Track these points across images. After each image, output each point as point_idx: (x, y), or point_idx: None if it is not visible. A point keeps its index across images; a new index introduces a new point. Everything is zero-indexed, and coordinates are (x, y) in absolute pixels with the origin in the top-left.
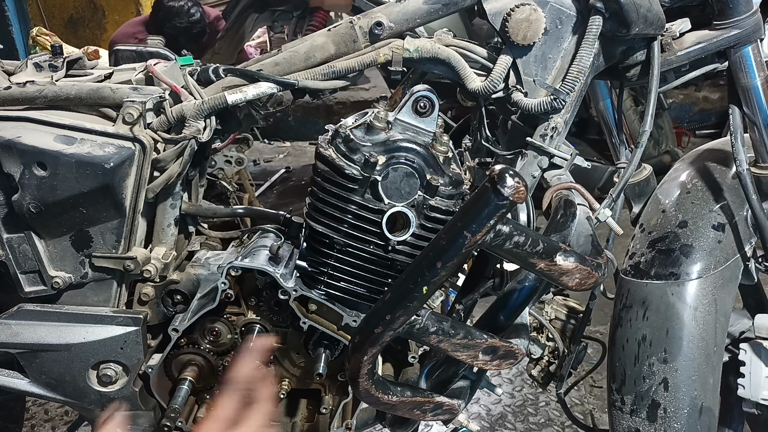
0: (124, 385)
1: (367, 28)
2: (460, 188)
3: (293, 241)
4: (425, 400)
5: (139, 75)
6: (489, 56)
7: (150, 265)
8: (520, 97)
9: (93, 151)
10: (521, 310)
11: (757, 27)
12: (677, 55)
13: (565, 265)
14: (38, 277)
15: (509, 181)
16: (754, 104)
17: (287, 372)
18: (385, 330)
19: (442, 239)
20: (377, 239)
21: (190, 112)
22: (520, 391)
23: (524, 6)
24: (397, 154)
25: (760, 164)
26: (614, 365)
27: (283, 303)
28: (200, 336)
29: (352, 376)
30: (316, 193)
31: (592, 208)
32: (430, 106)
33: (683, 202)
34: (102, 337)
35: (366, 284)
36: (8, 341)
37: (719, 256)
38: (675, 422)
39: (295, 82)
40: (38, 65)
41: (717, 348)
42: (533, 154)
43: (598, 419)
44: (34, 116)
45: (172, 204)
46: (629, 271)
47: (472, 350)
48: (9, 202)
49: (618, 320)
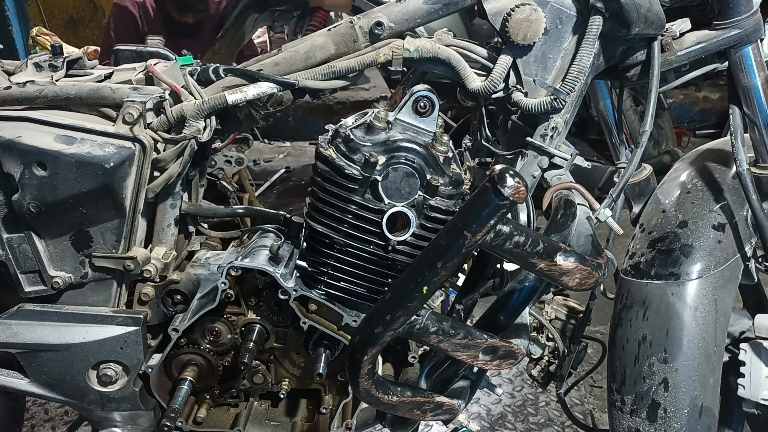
0: (124, 385)
1: (367, 28)
2: (460, 188)
3: (293, 241)
4: (425, 400)
5: (139, 75)
6: (489, 56)
7: (150, 265)
8: (520, 97)
9: (93, 151)
10: (521, 310)
11: (757, 27)
12: (677, 55)
13: (565, 265)
14: (38, 277)
15: (509, 181)
16: (754, 104)
17: (287, 372)
18: (385, 330)
19: (442, 239)
20: (377, 239)
21: (190, 112)
22: (520, 391)
23: (524, 6)
24: (397, 154)
25: (760, 164)
26: (614, 365)
27: (283, 303)
28: (200, 336)
29: (352, 376)
30: (316, 193)
31: (592, 208)
32: (430, 106)
33: (683, 202)
34: (102, 337)
35: (366, 284)
36: (8, 341)
37: (719, 256)
38: (675, 422)
39: (295, 82)
40: (38, 65)
41: (717, 348)
42: (533, 154)
43: (598, 419)
44: (34, 116)
45: (172, 204)
46: (629, 271)
47: (472, 350)
48: (9, 202)
49: (618, 320)
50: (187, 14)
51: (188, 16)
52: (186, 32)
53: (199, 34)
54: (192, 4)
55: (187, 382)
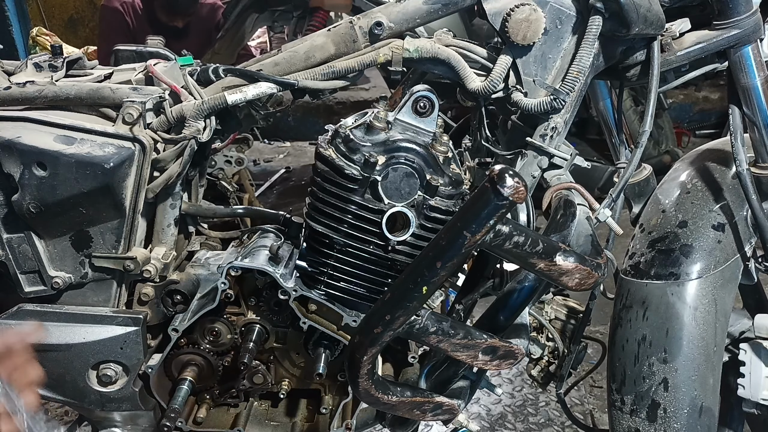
0: (124, 385)
1: (367, 28)
2: (460, 188)
3: (293, 241)
4: (425, 400)
5: (139, 75)
6: (489, 56)
7: (150, 265)
8: (520, 97)
9: (93, 151)
10: (521, 310)
11: (757, 27)
12: (677, 55)
13: (565, 265)
14: (38, 277)
15: (509, 181)
16: (754, 104)
17: (287, 372)
18: (385, 330)
19: (441, 239)
20: (377, 239)
21: (190, 112)
22: (520, 391)
23: (524, 6)
24: (397, 154)
25: (760, 164)
26: (614, 365)
27: (283, 303)
28: (200, 336)
29: (351, 376)
30: (316, 193)
31: (592, 208)
32: (430, 106)
33: (683, 202)
34: (102, 337)
35: (366, 284)
36: None
37: (719, 256)
38: (675, 422)
39: (295, 82)
40: (38, 65)
41: (717, 348)
42: (533, 154)
43: (598, 419)
44: (34, 116)
45: (172, 204)
46: (629, 271)
47: (472, 350)
48: (9, 202)
49: (618, 320)
50: (176, 18)
51: (178, 20)
52: (173, 35)
53: (187, 37)
54: (181, 9)
55: (186, 383)
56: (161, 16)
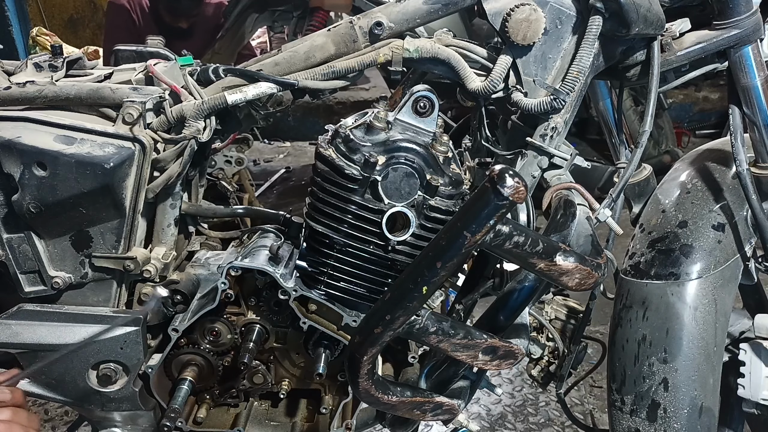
0: (124, 385)
1: (367, 28)
2: (460, 188)
3: (293, 241)
4: (425, 400)
5: (139, 75)
6: (489, 56)
7: (150, 265)
8: (520, 97)
9: (93, 151)
10: (521, 310)
11: (757, 27)
12: (677, 55)
13: (565, 265)
14: (38, 277)
15: (509, 181)
16: (754, 104)
17: (287, 372)
18: (385, 330)
19: (441, 239)
20: (377, 239)
21: (190, 112)
22: (520, 391)
23: (524, 6)
24: (397, 154)
25: (760, 164)
26: (614, 365)
27: (283, 303)
28: (200, 336)
29: (351, 376)
30: (316, 193)
31: (592, 208)
32: (430, 106)
33: (683, 202)
34: (102, 337)
35: (366, 284)
36: (8, 341)
37: (719, 256)
38: (675, 422)
39: (295, 82)
40: (38, 65)
41: (717, 348)
42: (533, 154)
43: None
44: (34, 116)
45: (172, 204)
46: (629, 271)
47: (472, 350)
48: (9, 202)
49: (618, 320)
50: (180, 19)
51: (182, 21)
52: (178, 35)
53: (192, 37)
54: (185, 10)
55: (186, 383)
56: (165, 17)
